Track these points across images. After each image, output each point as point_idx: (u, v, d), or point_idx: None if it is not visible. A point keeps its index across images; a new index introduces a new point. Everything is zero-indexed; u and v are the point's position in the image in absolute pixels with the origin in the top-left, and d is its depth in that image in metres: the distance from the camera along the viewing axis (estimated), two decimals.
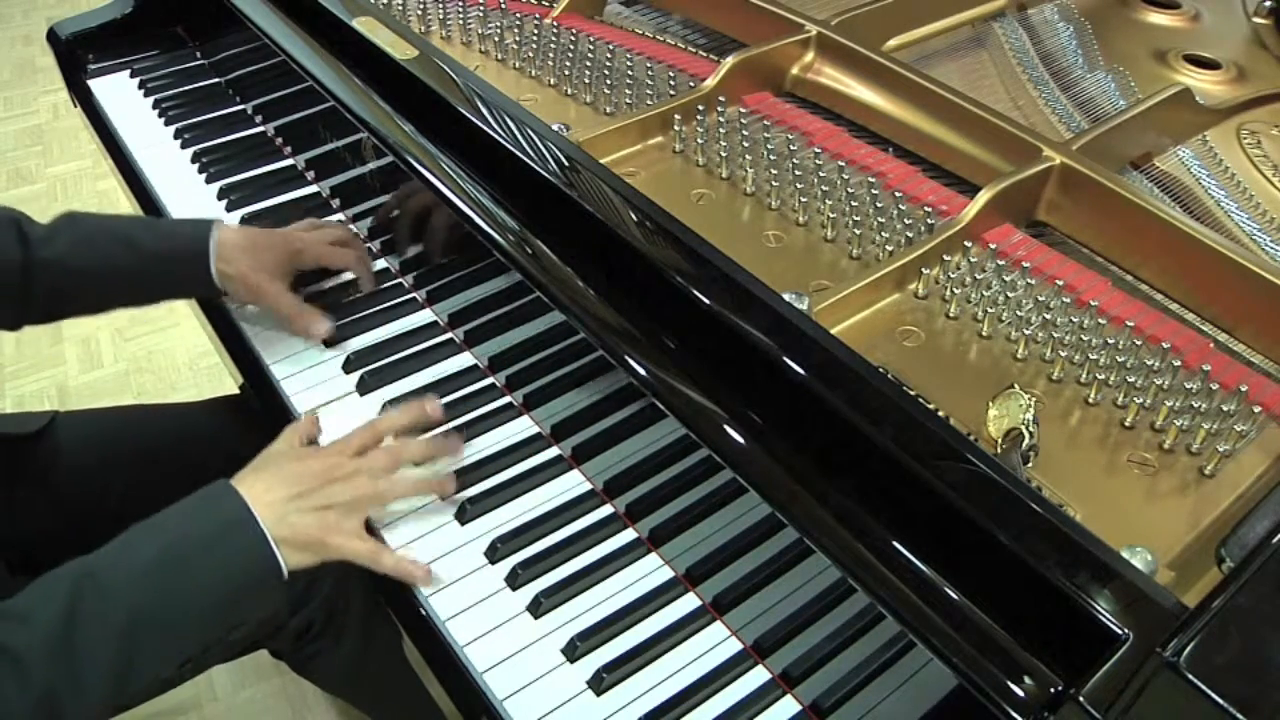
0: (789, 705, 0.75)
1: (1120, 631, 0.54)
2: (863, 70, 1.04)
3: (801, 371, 0.69)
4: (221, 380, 2.11)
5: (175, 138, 1.36)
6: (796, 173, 0.94)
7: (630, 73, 1.08)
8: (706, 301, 0.74)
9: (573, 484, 0.90)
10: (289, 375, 1.02)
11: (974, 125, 0.95)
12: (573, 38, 1.16)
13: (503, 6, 1.23)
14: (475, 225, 0.91)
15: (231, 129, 1.38)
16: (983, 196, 0.86)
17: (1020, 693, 0.57)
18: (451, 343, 1.04)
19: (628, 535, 0.86)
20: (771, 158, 0.97)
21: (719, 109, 1.03)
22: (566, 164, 0.87)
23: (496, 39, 1.16)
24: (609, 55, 1.13)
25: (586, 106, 1.06)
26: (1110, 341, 0.77)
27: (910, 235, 0.87)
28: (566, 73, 1.09)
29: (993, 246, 0.85)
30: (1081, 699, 0.53)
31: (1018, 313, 0.80)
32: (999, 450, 0.68)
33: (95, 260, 0.99)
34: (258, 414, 1.05)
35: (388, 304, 1.09)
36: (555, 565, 0.84)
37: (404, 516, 0.88)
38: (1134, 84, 1.10)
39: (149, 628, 0.72)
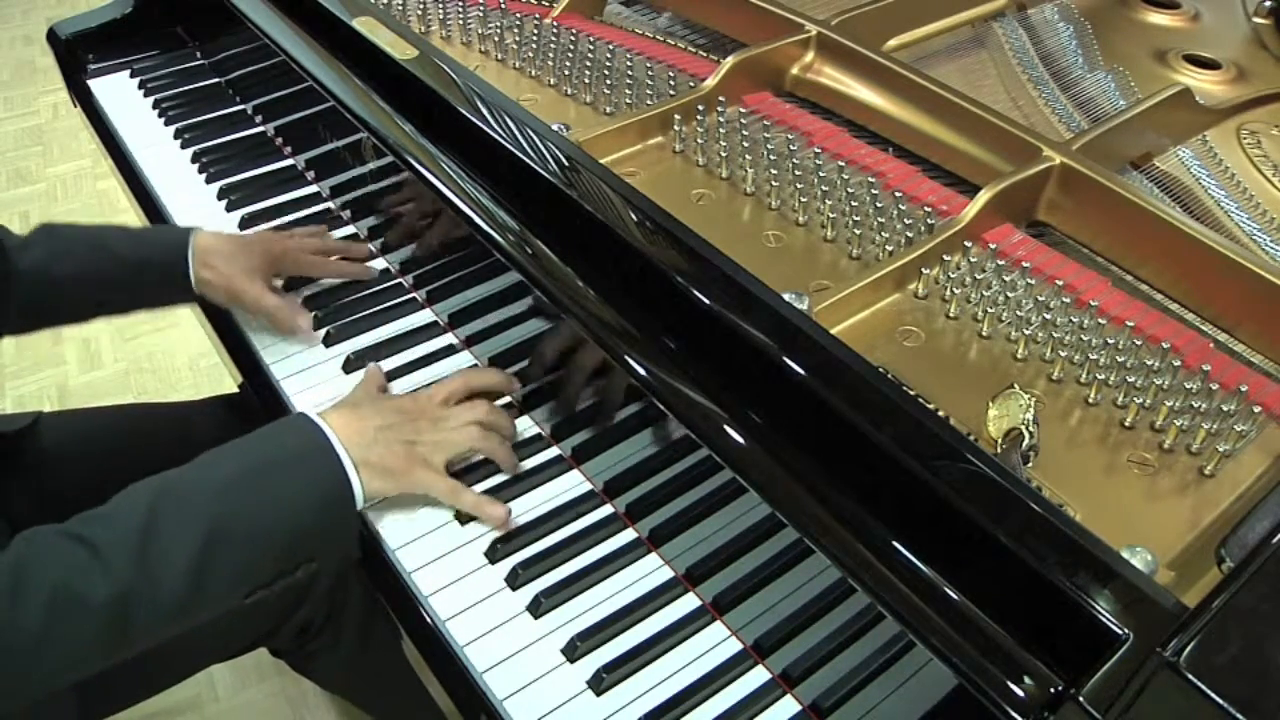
0: (789, 705, 0.75)
1: (1120, 631, 0.54)
2: (863, 70, 1.04)
3: (801, 371, 0.69)
4: (221, 380, 2.11)
5: (175, 138, 1.36)
6: (796, 173, 0.94)
7: (630, 73, 1.08)
8: (706, 301, 0.74)
9: (573, 484, 0.90)
10: (289, 375, 1.02)
11: (974, 125, 0.95)
12: (573, 38, 1.16)
13: (503, 6, 1.23)
14: (475, 225, 0.91)
15: (231, 129, 1.38)
16: (983, 196, 0.86)
17: (1020, 693, 0.57)
18: (451, 343, 1.04)
19: (628, 535, 0.86)
20: (771, 158, 0.97)
21: (719, 109, 1.03)
22: (566, 164, 0.87)
23: (496, 39, 1.16)
24: (609, 55, 1.13)
25: (586, 106, 1.06)
26: (1110, 341, 0.77)
27: (910, 235, 0.87)
28: (566, 73, 1.09)
29: (993, 246, 0.85)
30: (1081, 699, 0.53)
31: (1018, 313, 0.80)
32: (999, 450, 0.68)
33: (74, 269, 1.00)
34: (257, 413, 1.05)
35: (388, 304, 1.09)
36: (555, 565, 0.84)
37: (404, 517, 0.88)
38: (1134, 84, 1.10)
39: (223, 542, 0.74)
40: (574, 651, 0.78)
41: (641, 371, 0.78)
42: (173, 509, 0.73)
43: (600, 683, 0.76)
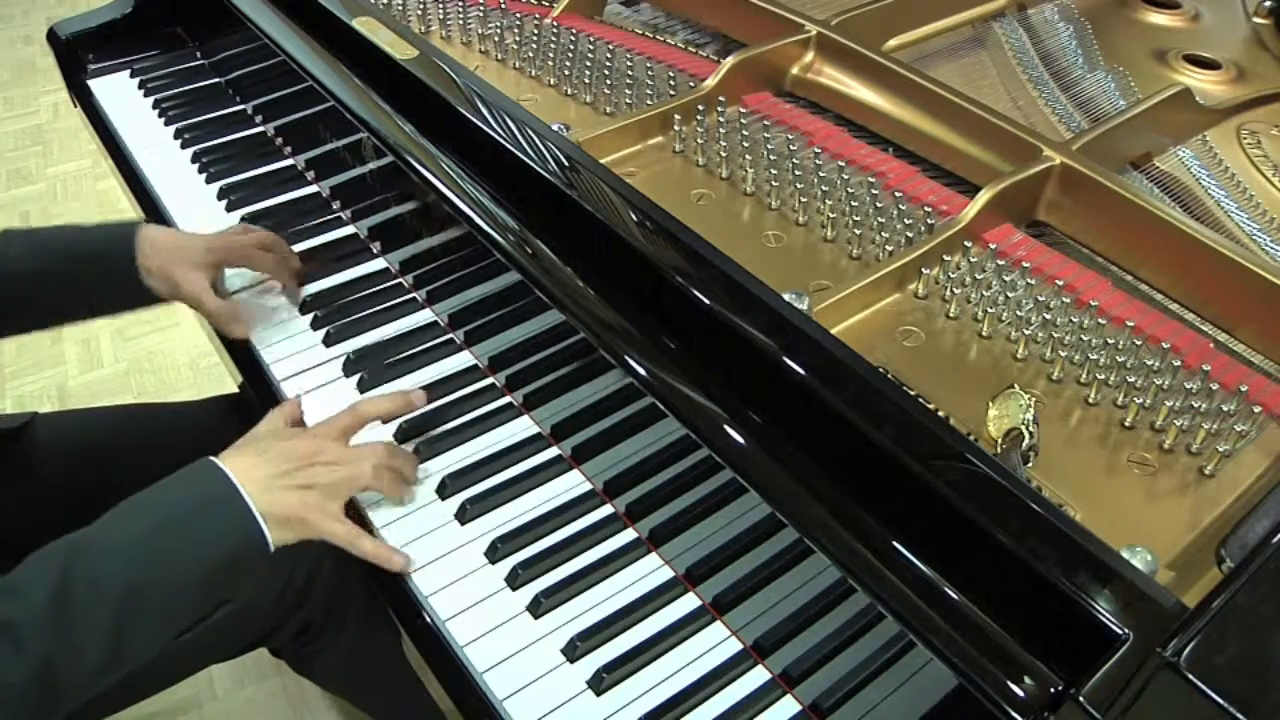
0: (789, 705, 0.75)
1: (1120, 631, 0.54)
2: (863, 70, 1.04)
3: (801, 371, 0.69)
4: (221, 380, 2.10)
5: (175, 138, 1.36)
6: (796, 173, 0.94)
7: (630, 73, 1.08)
8: (706, 301, 0.74)
9: (573, 484, 0.90)
10: (289, 375, 1.02)
11: (974, 125, 0.95)
12: (573, 38, 1.16)
13: (503, 6, 1.23)
14: (475, 225, 0.91)
15: (231, 129, 1.38)
16: (983, 196, 0.86)
17: (1020, 693, 0.57)
18: (451, 343, 1.04)
19: (628, 535, 0.86)
20: (771, 158, 0.97)
21: (719, 109, 1.03)
22: (566, 164, 0.87)
23: (496, 39, 1.16)
24: (609, 55, 1.13)
25: (586, 106, 1.06)
26: (1110, 341, 0.77)
27: (910, 235, 0.87)
28: (566, 73, 1.09)
29: (993, 246, 0.85)
30: (1081, 699, 0.53)
31: (1018, 313, 0.80)
32: (999, 450, 0.68)
33: (24, 266, 0.99)
34: (257, 413, 1.05)
35: (388, 304, 1.09)
36: (555, 565, 0.84)
37: (404, 516, 0.88)
38: (1134, 84, 1.10)
39: (140, 598, 0.73)
40: (574, 651, 0.78)
41: (641, 371, 0.78)
42: (84, 573, 0.71)
43: (600, 683, 0.76)
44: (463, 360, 1.02)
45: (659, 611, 0.81)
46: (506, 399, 0.98)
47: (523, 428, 0.95)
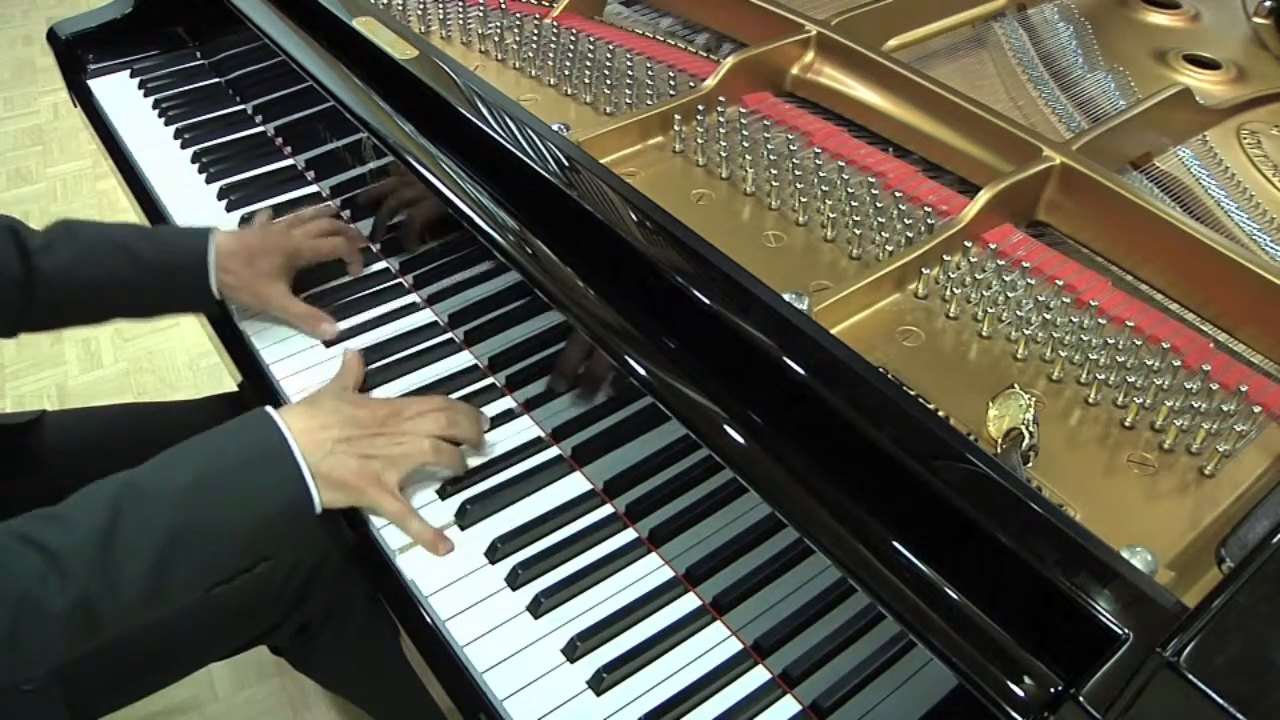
0: (789, 705, 0.75)
1: (1120, 631, 0.54)
2: (863, 70, 1.04)
3: (801, 371, 0.69)
4: (221, 380, 2.11)
5: (175, 138, 1.36)
6: (796, 173, 0.94)
7: (630, 73, 1.08)
8: (706, 301, 0.74)
9: (573, 484, 0.90)
10: (289, 375, 1.02)
11: (974, 125, 0.95)
12: (573, 38, 1.16)
13: (503, 6, 1.23)
14: (475, 225, 0.91)
15: (231, 129, 1.38)
16: (983, 196, 0.86)
17: (1020, 693, 0.57)
18: (451, 343, 1.04)
19: (628, 535, 0.86)
20: (771, 158, 0.97)
21: (719, 109, 1.03)
22: (566, 164, 0.87)
23: (496, 39, 1.16)
24: (609, 55, 1.13)
25: (586, 106, 1.06)
26: (1110, 341, 0.77)
27: (910, 235, 0.87)
28: (566, 73, 1.09)
29: (993, 246, 0.85)
30: (1081, 699, 0.53)
31: (1018, 313, 0.80)
32: (999, 450, 0.68)
33: (96, 272, 0.99)
34: None
35: (388, 304, 1.09)
36: (555, 565, 0.84)
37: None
38: (1134, 84, 1.10)
39: (183, 545, 0.74)
40: (574, 651, 0.78)
41: (641, 371, 0.78)
42: (134, 512, 0.73)
43: (600, 683, 0.76)
44: (463, 360, 1.02)
45: (659, 611, 0.81)
46: (507, 399, 0.98)
47: (523, 428, 0.95)
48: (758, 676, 0.77)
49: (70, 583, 0.69)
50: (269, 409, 0.82)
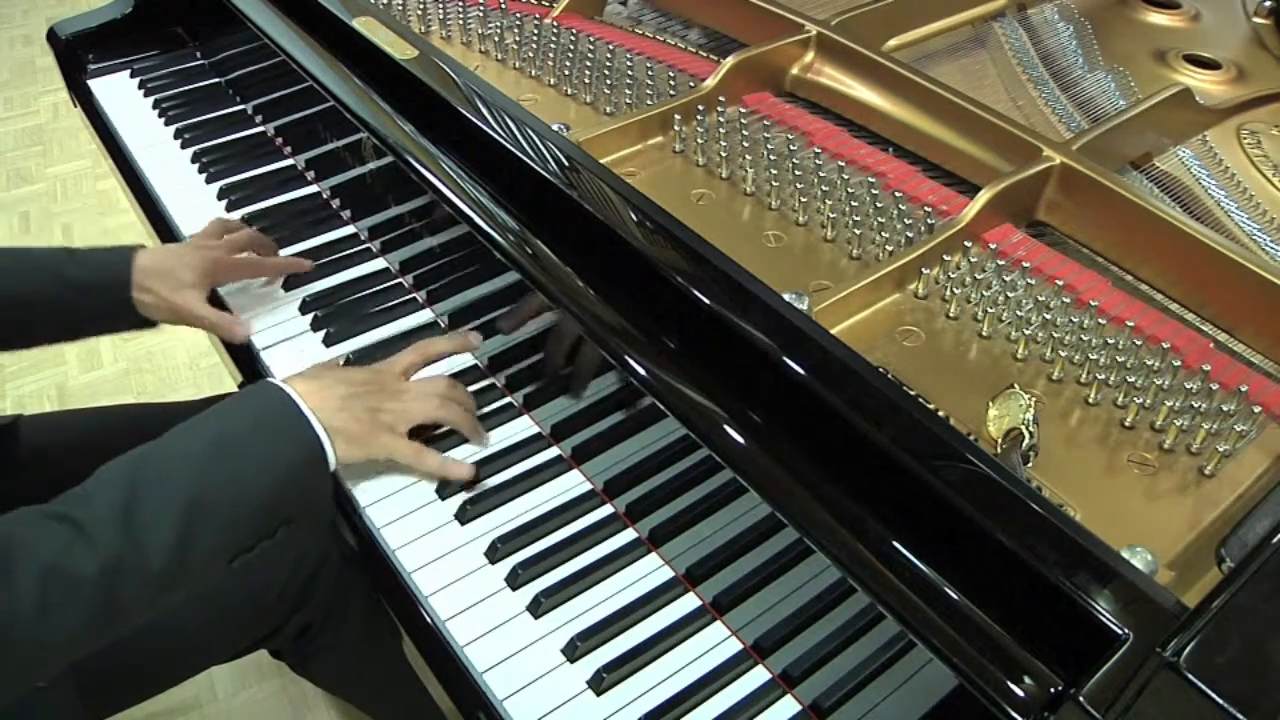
0: (789, 705, 0.75)
1: (1120, 631, 0.54)
2: (863, 70, 1.04)
3: (801, 371, 0.69)
4: (221, 380, 2.10)
5: (175, 138, 1.36)
6: (796, 173, 0.94)
7: (630, 73, 1.08)
8: (706, 301, 0.74)
9: (573, 484, 0.90)
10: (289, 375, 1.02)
11: (974, 125, 0.95)
12: (573, 38, 1.16)
13: (503, 6, 1.23)
14: (475, 225, 0.91)
15: (231, 129, 1.38)
16: (983, 196, 0.86)
17: (1020, 693, 0.57)
18: None
19: (628, 535, 0.86)
20: (771, 158, 0.97)
21: (719, 109, 1.03)
22: (566, 164, 0.87)
23: (496, 39, 1.16)
24: (609, 55, 1.13)
25: (586, 106, 1.06)
26: (1110, 341, 0.77)
27: (910, 235, 0.87)
28: (566, 73, 1.09)
29: (993, 246, 0.85)
30: (1081, 699, 0.53)
31: (1018, 313, 0.80)
32: (999, 450, 0.68)
33: (16, 289, 0.99)
34: None
35: (388, 304, 1.09)
36: (555, 565, 0.84)
37: (404, 516, 0.88)
38: (1134, 84, 1.10)
39: (203, 509, 0.75)
40: (574, 651, 0.78)
41: (641, 371, 0.78)
42: (152, 481, 0.74)
43: (600, 683, 0.76)
44: (463, 360, 1.02)
45: (659, 611, 0.81)
46: (507, 399, 0.98)
47: (523, 428, 0.95)
48: (758, 676, 0.77)
49: (97, 548, 0.70)
50: (271, 379, 0.84)
